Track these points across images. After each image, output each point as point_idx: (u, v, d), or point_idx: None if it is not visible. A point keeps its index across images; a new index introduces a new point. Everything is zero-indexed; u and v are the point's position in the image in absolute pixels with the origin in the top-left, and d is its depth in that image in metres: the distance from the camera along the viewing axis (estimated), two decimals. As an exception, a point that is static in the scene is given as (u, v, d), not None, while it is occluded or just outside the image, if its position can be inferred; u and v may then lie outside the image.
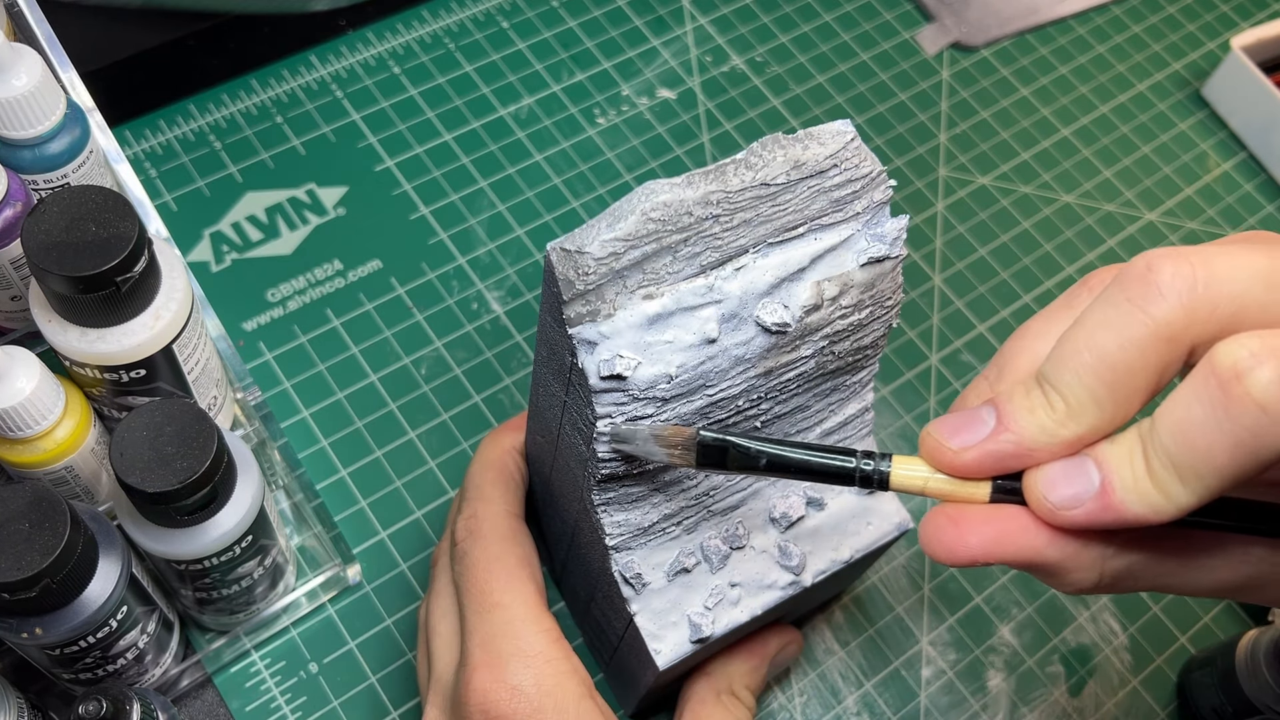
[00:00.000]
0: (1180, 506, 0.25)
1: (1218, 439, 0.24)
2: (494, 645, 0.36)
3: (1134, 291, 0.25)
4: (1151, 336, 0.25)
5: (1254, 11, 0.73)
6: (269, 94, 0.60)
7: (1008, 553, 0.27)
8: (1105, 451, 0.26)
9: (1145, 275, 0.25)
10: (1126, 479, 0.25)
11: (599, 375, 0.31)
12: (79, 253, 0.34)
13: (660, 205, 0.31)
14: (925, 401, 0.56)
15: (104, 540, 0.36)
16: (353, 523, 0.49)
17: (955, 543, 0.27)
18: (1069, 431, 0.26)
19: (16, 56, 0.36)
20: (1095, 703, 0.49)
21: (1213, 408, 0.24)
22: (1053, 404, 0.26)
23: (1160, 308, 0.25)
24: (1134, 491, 0.25)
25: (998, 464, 0.28)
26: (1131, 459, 0.25)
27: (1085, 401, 0.26)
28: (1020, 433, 0.27)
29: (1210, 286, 0.25)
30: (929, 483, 0.29)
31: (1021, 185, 0.64)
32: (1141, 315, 0.25)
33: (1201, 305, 0.25)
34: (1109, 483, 0.26)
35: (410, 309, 0.55)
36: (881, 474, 0.29)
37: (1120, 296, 0.25)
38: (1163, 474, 0.25)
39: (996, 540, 0.27)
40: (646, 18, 0.66)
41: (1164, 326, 0.25)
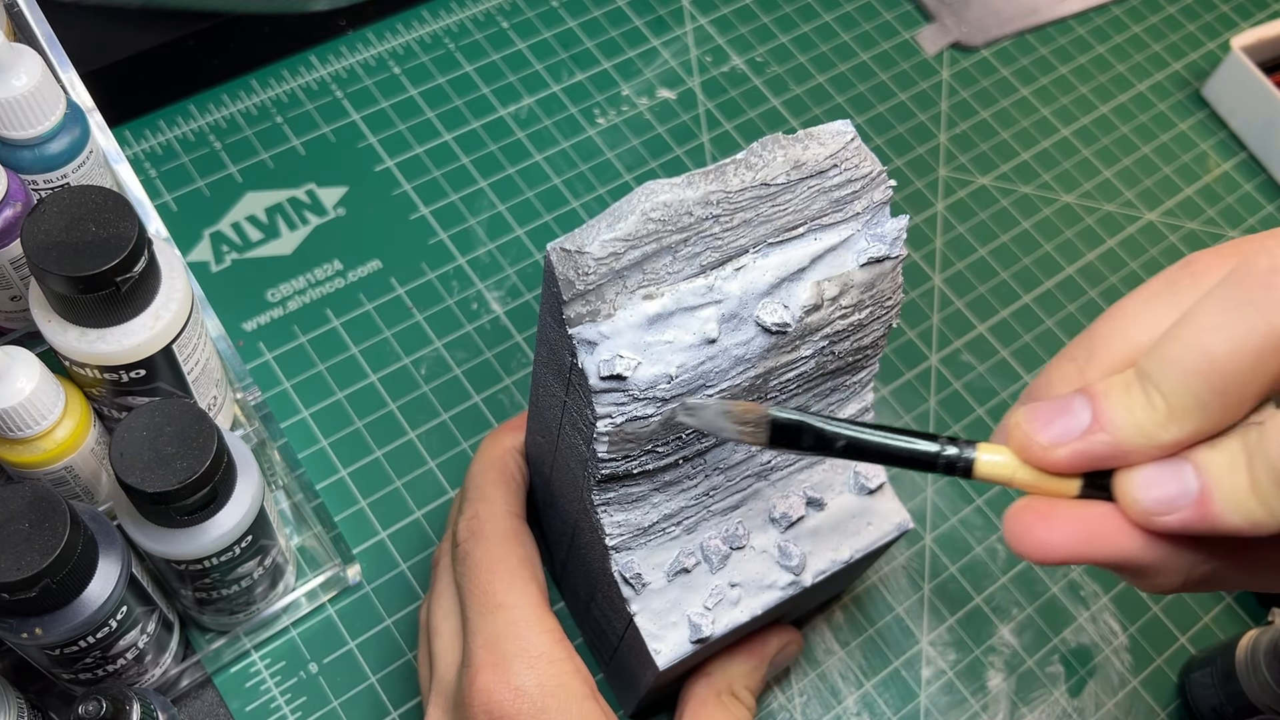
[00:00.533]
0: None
1: None
2: (498, 646, 0.36)
3: (1255, 293, 0.23)
4: (1271, 346, 0.23)
5: (1254, 11, 0.73)
6: (269, 94, 0.60)
7: (1098, 553, 0.26)
8: (1206, 458, 0.25)
9: (1269, 277, 0.23)
10: (1227, 490, 0.24)
11: (599, 375, 0.31)
12: (79, 253, 0.34)
13: (660, 205, 0.31)
14: (925, 401, 0.56)
15: (104, 540, 0.36)
16: (353, 523, 0.49)
17: (1046, 540, 0.26)
18: (1169, 435, 0.25)
19: (16, 56, 0.36)
20: (1095, 703, 0.49)
21: None
22: (1154, 405, 0.25)
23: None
24: (1234, 503, 0.24)
25: (1090, 463, 0.26)
26: (1234, 469, 0.24)
27: (1190, 406, 0.24)
28: (1117, 434, 0.26)
29: None
30: (1016, 474, 0.27)
31: (1021, 185, 0.64)
32: (1262, 322, 0.23)
33: None
34: (1208, 492, 0.24)
35: (410, 309, 0.55)
36: (966, 462, 0.28)
37: (1239, 297, 0.24)
38: (1268, 489, 0.23)
39: (1087, 540, 0.26)
40: (646, 18, 0.66)
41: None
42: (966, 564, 0.52)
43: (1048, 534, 0.26)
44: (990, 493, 0.54)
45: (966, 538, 0.52)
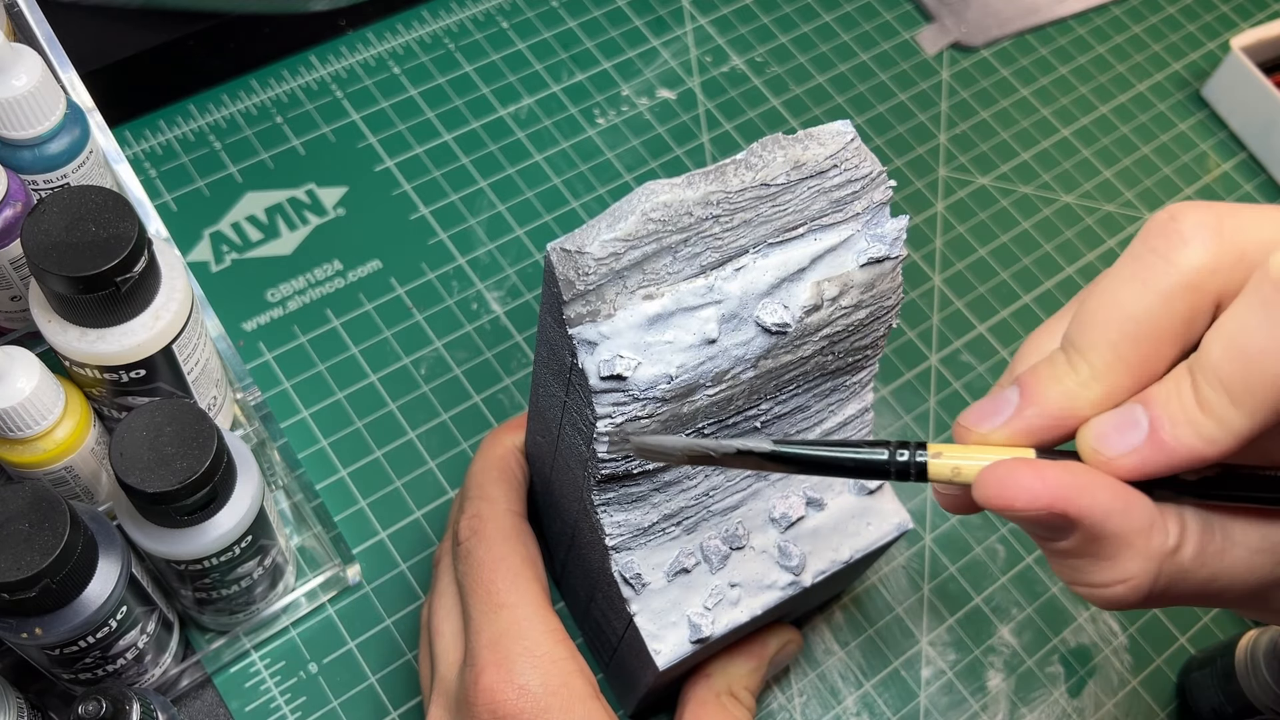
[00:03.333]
0: (1235, 432, 0.23)
1: (1274, 347, 0.22)
2: (501, 645, 0.37)
3: (1156, 241, 0.24)
4: (1177, 285, 0.24)
5: (1254, 11, 0.73)
6: (269, 94, 0.60)
7: (1080, 503, 0.25)
8: (1152, 391, 0.25)
9: (1168, 224, 0.24)
10: (1175, 412, 0.24)
11: (599, 375, 0.31)
12: (79, 253, 0.34)
13: (660, 205, 0.31)
14: (925, 401, 0.56)
15: (104, 540, 0.36)
16: (353, 523, 0.49)
17: (1029, 486, 0.25)
18: (1093, 393, 0.25)
19: (16, 56, 0.36)
20: (1095, 703, 0.49)
21: (1267, 312, 0.22)
22: (1076, 367, 0.25)
23: (1184, 255, 0.24)
24: (1185, 424, 0.24)
25: (1030, 439, 0.26)
26: (1180, 391, 0.24)
27: (1110, 359, 0.25)
28: (1043, 404, 0.26)
29: (1237, 233, 0.24)
30: (961, 470, 0.27)
31: (1021, 185, 0.64)
32: (1164, 264, 0.24)
33: (1228, 251, 0.24)
34: (1157, 421, 0.24)
35: (410, 309, 0.55)
36: (919, 465, 0.27)
37: (1143, 248, 0.24)
38: (1213, 398, 0.23)
39: (1070, 487, 0.25)
40: (646, 18, 0.66)
41: (1189, 273, 0.24)
42: (966, 564, 0.52)
43: (1037, 478, 0.25)
44: (990, 493, 0.53)
45: (966, 538, 0.52)
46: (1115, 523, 0.25)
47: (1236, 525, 0.26)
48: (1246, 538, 0.26)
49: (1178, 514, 0.26)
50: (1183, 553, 0.26)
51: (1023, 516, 0.25)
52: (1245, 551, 0.26)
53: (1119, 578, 0.26)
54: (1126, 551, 0.25)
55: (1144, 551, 0.25)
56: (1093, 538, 0.25)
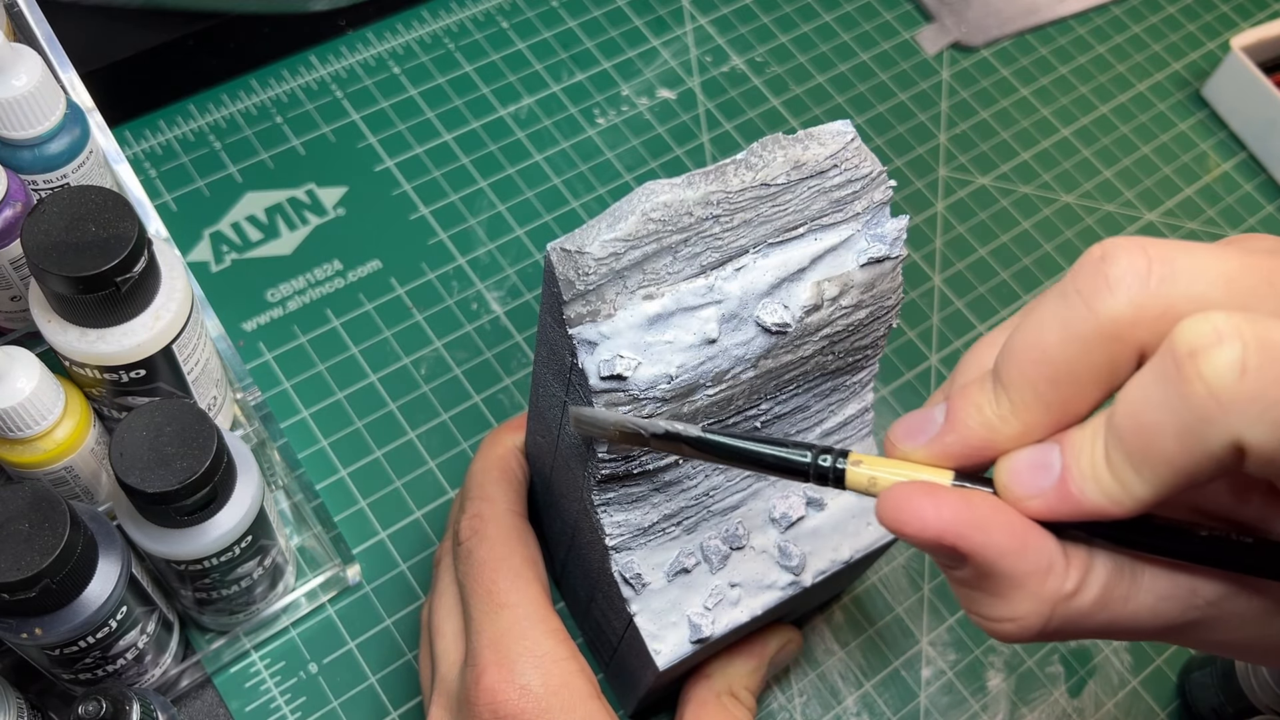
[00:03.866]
0: (1136, 498, 0.23)
1: (1169, 421, 0.21)
2: (502, 645, 0.37)
3: (1083, 283, 0.23)
4: (1095, 333, 0.23)
5: (1254, 11, 0.73)
6: (269, 94, 0.60)
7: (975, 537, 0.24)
8: (1069, 437, 0.24)
9: (1097, 266, 0.23)
10: (1085, 465, 0.23)
11: (599, 375, 0.31)
12: (79, 253, 0.34)
13: (660, 205, 0.31)
14: (925, 401, 0.56)
15: (104, 540, 0.36)
16: (353, 523, 0.49)
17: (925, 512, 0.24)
18: (1011, 429, 0.25)
19: (16, 56, 0.36)
20: (1095, 703, 0.49)
21: (1165, 387, 0.21)
22: (998, 399, 0.25)
23: (1106, 304, 0.23)
24: (1091, 479, 0.23)
25: (950, 462, 0.26)
26: (1093, 444, 0.23)
27: (1028, 398, 0.24)
28: (963, 431, 0.25)
29: (1165, 283, 0.23)
30: (877, 481, 0.27)
31: (1021, 185, 0.64)
32: (1085, 310, 0.23)
33: (1153, 304, 0.23)
34: (1067, 469, 0.24)
35: (410, 309, 0.55)
36: (838, 472, 0.27)
37: (1070, 287, 0.24)
38: (1118, 460, 0.23)
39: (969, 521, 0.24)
40: (646, 18, 0.66)
41: (1108, 324, 0.23)
42: (966, 564, 0.52)
43: (932, 506, 0.24)
44: (990, 493, 0.54)
45: (966, 538, 0.52)
46: (1008, 563, 0.24)
47: (1147, 571, 0.25)
48: (1155, 584, 0.25)
49: (1086, 555, 0.25)
50: (1081, 597, 0.25)
51: (914, 542, 0.25)
52: (1151, 598, 0.25)
53: (1008, 615, 0.25)
54: (1018, 592, 0.25)
55: (1036, 594, 0.25)
56: (984, 574, 0.25)
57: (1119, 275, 0.23)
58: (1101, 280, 0.23)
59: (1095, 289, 0.23)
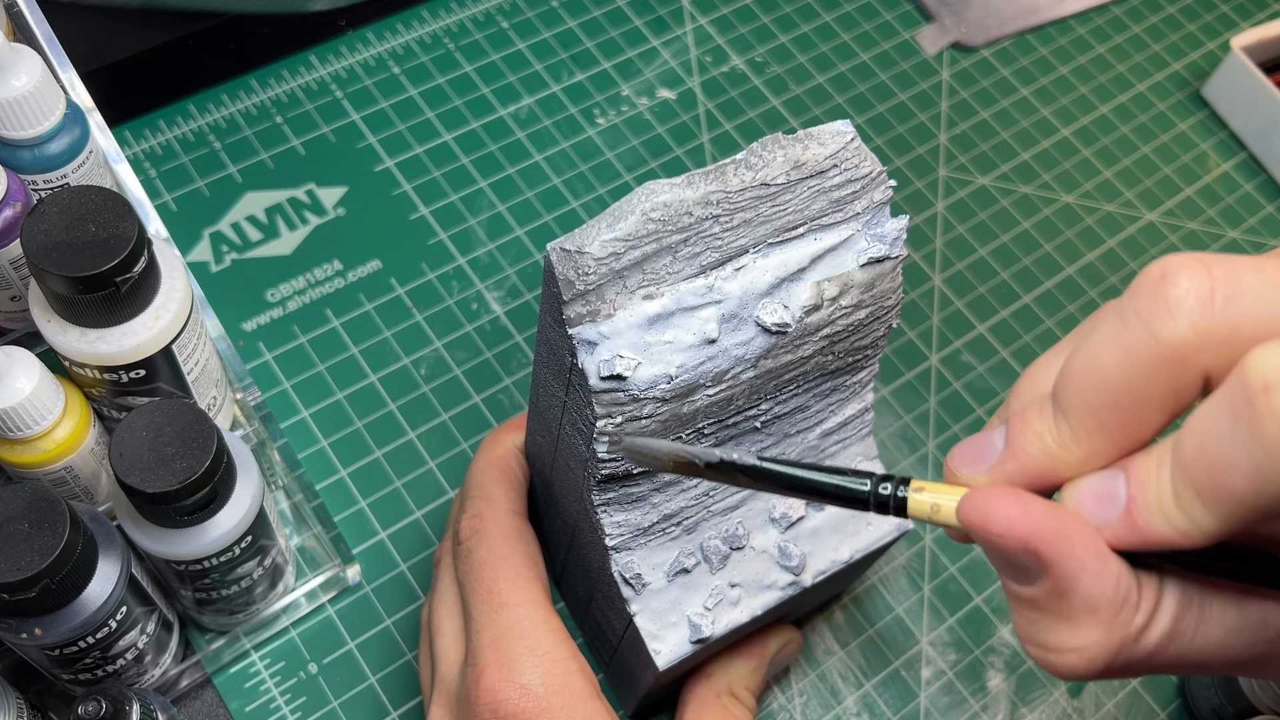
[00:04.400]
0: (1205, 531, 0.22)
1: (1240, 458, 0.20)
2: (503, 644, 0.37)
3: (1142, 305, 0.22)
4: (1157, 359, 0.22)
5: (1254, 11, 0.73)
6: (269, 94, 0.60)
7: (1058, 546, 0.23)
8: (1135, 465, 0.23)
9: (1157, 287, 0.22)
10: (1151, 497, 0.22)
11: (599, 375, 0.31)
12: (79, 253, 0.34)
13: (660, 205, 0.31)
14: (925, 402, 0.56)
15: (104, 540, 0.36)
16: (353, 523, 0.49)
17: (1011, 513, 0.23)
18: (1073, 456, 0.24)
19: (16, 56, 0.36)
20: (1095, 703, 0.49)
21: (1235, 422, 0.20)
22: (1058, 427, 0.24)
23: (1168, 328, 0.22)
24: (1158, 511, 0.22)
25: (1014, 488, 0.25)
26: (1158, 475, 0.22)
27: (1090, 426, 0.23)
28: (1024, 459, 0.24)
29: (1230, 305, 0.21)
30: (940, 509, 0.26)
31: (1021, 185, 0.64)
32: (1145, 334, 0.22)
33: (1217, 328, 0.21)
34: (1133, 500, 0.23)
35: (410, 309, 0.55)
36: (899, 500, 0.26)
37: (1129, 309, 0.22)
38: (1185, 494, 0.22)
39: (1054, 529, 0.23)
40: (646, 18, 0.66)
41: (1171, 349, 0.22)
42: (966, 564, 0.52)
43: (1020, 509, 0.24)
44: (990, 493, 0.53)
45: (966, 538, 0.52)
46: (1087, 583, 0.24)
47: (1215, 603, 0.24)
48: (1224, 617, 0.24)
49: (1156, 590, 0.24)
50: (1151, 632, 0.24)
51: (997, 544, 0.24)
52: (1221, 631, 0.24)
53: (1075, 645, 0.24)
54: (1090, 618, 0.24)
55: (1108, 624, 0.24)
56: (1059, 591, 0.24)
57: (1180, 297, 0.22)
58: (1161, 302, 0.22)
59: (1155, 312, 0.22)
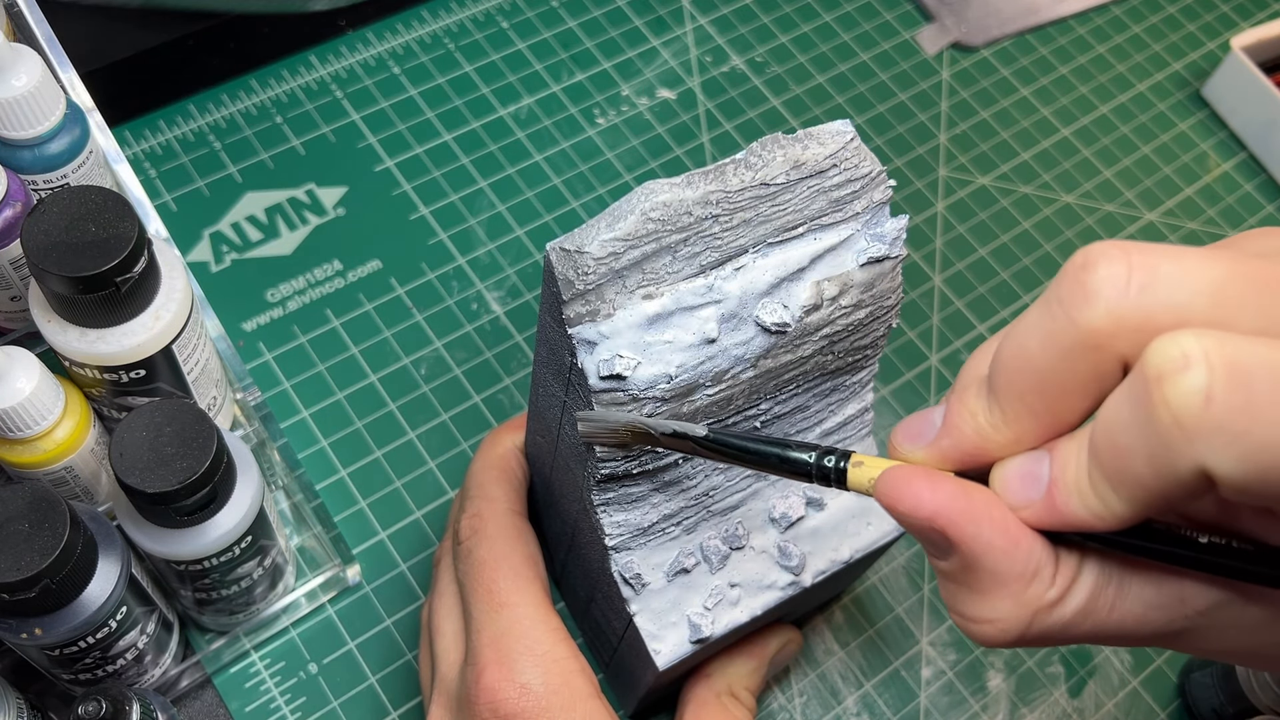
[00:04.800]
0: (1117, 514, 0.22)
1: (1138, 445, 0.21)
2: (503, 644, 0.37)
3: (1064, 291, 0.23)
4: (1076, 344, 0.22)
5: (1254, 11, 0.73)
6: (269, 94, 0.60)
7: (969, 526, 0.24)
8: (1059, 448, 0.24)
9: (1078, 275, 0.23)
10: (1069, 479, 0.23)
11: (599, 375, 0.31)
12: (79, 253, 0.34)
13: (660, 205, 0.31)
14: (925, 401, 0.56)
15: (104, 540, 0.36)
16: (353, 523, 0.49)
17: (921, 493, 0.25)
18: (1003, 437, 0.25)
19: (16, 56, 0.36)
20: (1095, 703, 0.49)
21: (1135, 410, 0.21)
22: (990, 408, 0.25)
23: (1085, 314, 0.22)
24: (1075, 494, 0.23)
25: (949, 466, 0.26)
26: (1077, 458, 0.23)
27: (1017, 408, 0.24)
28: (958, 436, 0.25)
29: (1146, 293, 0.22)
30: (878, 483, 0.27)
31: (1021, 185, 0.64)
32: (1065, 320, 0.23)
33: (1132, 314, 0.22)
34: (1054, 481, 0.24)
35: (410, 309, 0.55)
36: (839, 472, 0.28)
37: (1053, 296, 0.23)
38: (1097, 478, 0.23)
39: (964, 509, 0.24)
40: (646, 18, 0.66)
41: (1089, 335, 0.22)
42: (966, 564, 0.52)
43: (929, 489, 0.25)
44: (990, 493, 0.54)
45: (966, 538, 0.52)
46: (993, 559, 0.24)
47: (1134, 579, 0.25)
48: (1143, 593, 0.25)
49: (1076, 563, 0.25)
50: (1064, 606, 0.25)
51: (906, 521, 0.25)
52: (1140, 607, 0.25)
53: (988, 616, 0.25)
54: (1000, 591, 0.25)
55: (1017, 597, 0.25)
56: (968, 566, 0.25)
57: (1097, 284, 0.22)
58: (1080, 289, 0.22)
59: (1074, 299, 0.22)
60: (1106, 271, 0.22)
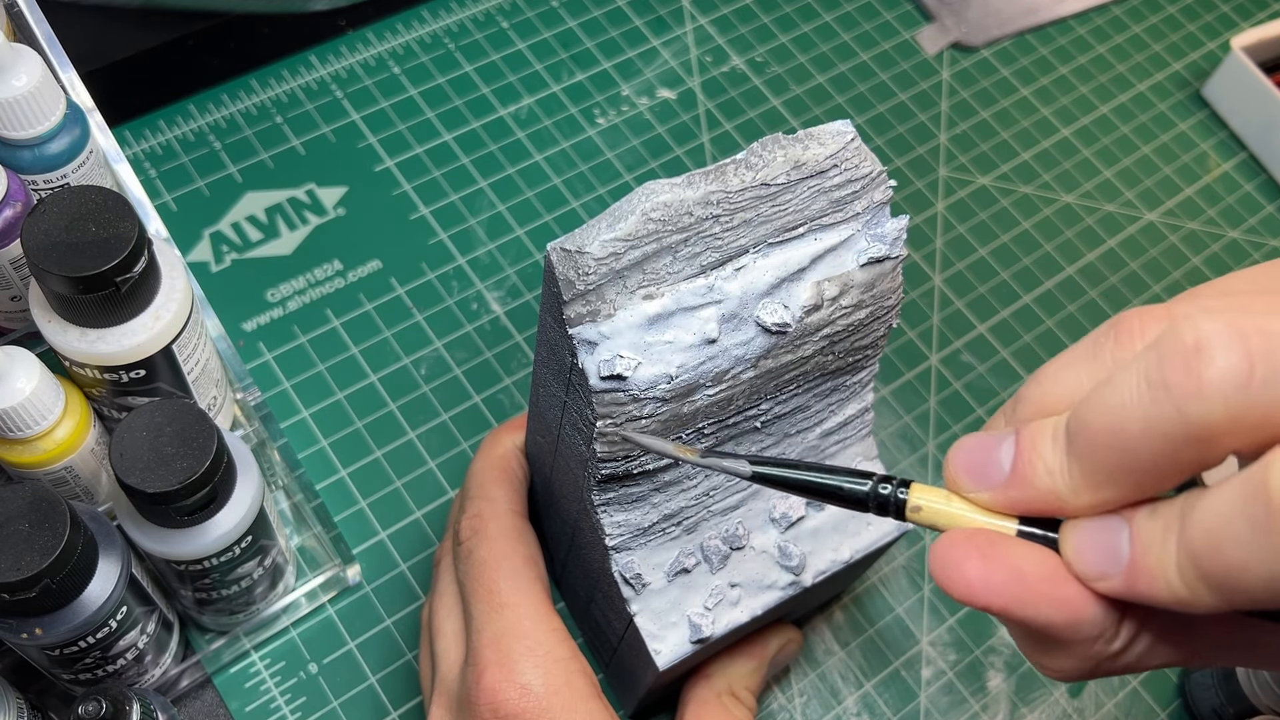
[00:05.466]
0: (1207, 606, 0.21)
1: (1254, 564, 0.20)
2: (503, 644, 0.37)
3: (1172, 378, 0.21)
4: (1184, 438, 0.21)
5: (1254, 11, 0.73)
6: (269, 94, 0.60)
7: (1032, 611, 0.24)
8: (1141, 525, 0.23)
9: (1190, 362, 0.20)
10: (1153, 563, 0.22)
11: (599, 375, 0.31)
12: (79, 253, 0.34)
13: (660, 205, 0.31)
14: (925, 401, 0.56)
15: (104, 540, 0.36)
16: (353, 523, 0.49)
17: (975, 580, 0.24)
18: (1082, 502, 0.23)
19: (16, 56, 0.36)
20: (1095, 703, 0.49)
21: (1253, 529, 0.20)
22: (1070, 470, 0.23)
23: (1198, 409, 0.20)
24: (1162, 581, 0.22)
25: (1015, 512, 0.25)
26: (1163, 544, 0.22)
27: (1101, 479, 0.23)
28: (1029, 492, 0.24)
29: (1269, 387, 0.20)
30: (942, 516, 0.26)
31: (1021, 185, 0.64)
32: (1174, 412, 0.21)
33: (1251, 413, 0.20)
34: (1135, 563, 0.22)
35: (410, 309, 0.55)
36: (899, 501, 0.27)
37: (1158, 379, 0.21)
38: (1190, 573, 0.21)
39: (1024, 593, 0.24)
40: (646, 18, 0.66)
41: (1201, 430, 0.20)
42: (966, 564, 0.52)
43: (982, 576, 0.24)
44: (990, 493, 0.54)
45: (966, 538, 0.52)
46: (1056, 633, 0.24)
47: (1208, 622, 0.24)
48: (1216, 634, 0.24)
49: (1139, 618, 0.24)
50: (1130, 653, 0.25)
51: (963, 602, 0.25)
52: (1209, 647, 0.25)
53: (1054, 667, 0.25)
54: (1063, 651, 0.25)
55: (1081, 655, 0.25)
56: (1031, 635, 0.25)
57: (1214, 379, 0.20)
58: (1193, 380, 0.20)
59: (1185, 390, 0.20)
60: (1225, 364, 0.20)
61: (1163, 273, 0.62)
